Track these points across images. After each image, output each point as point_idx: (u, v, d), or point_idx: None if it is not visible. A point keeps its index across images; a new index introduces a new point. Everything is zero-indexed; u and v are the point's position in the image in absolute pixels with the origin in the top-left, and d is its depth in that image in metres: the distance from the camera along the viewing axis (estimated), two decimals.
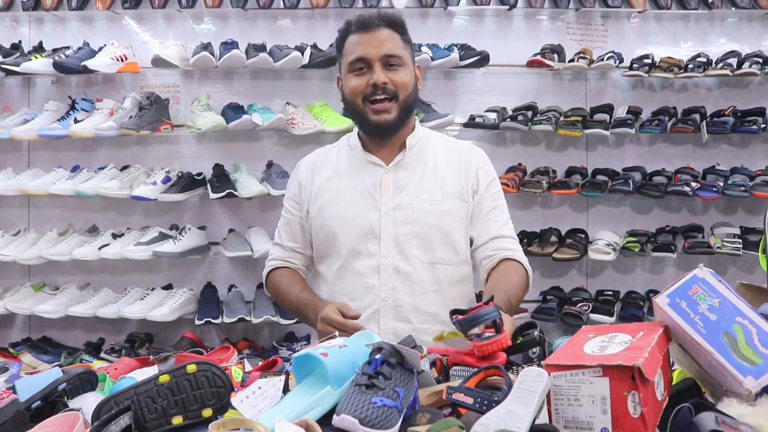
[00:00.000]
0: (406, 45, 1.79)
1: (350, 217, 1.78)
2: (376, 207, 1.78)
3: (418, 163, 1.83)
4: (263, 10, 3.25)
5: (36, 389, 1.21)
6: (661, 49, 3.39)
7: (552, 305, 3.23)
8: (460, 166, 1.85)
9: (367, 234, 1.77)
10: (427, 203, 1.78)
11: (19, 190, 3.06)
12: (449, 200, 1.80)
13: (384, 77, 1.72)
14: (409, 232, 1.75)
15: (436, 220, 1.77)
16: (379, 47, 1.72)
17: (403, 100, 1.75)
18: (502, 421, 0.98)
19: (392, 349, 1.15)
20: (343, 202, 1.80)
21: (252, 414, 1.12)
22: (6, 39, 3.29)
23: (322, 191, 1.84)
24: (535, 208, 3.43)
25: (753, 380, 1.04)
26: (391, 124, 1.76)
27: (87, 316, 3.04)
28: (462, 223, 1.81)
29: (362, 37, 1.74)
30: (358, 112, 1.77)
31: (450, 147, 1.90)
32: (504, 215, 1.87)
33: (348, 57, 1.77)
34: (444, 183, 1.81)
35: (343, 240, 1.78)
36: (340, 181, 1.84)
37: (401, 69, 1.75)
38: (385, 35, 1.74)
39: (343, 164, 1.86)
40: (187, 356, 1.59)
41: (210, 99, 3.16)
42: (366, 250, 1.76)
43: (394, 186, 1.79)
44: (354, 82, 1.75)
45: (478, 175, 1.85)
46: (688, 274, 1.17)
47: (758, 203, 3.27)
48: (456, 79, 3.40)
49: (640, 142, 3.44)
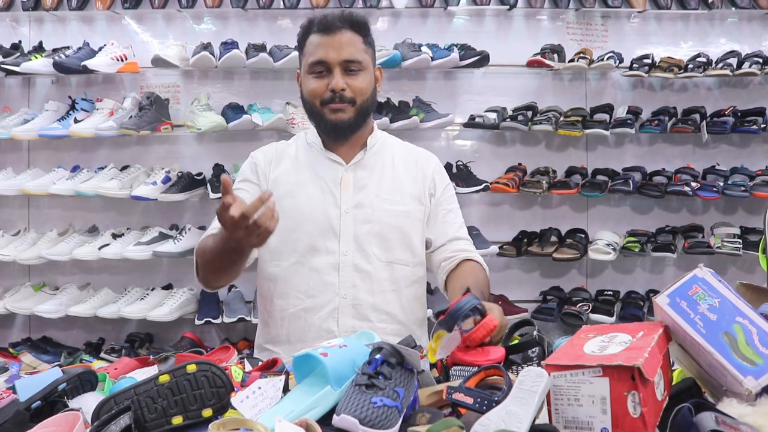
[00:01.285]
0: (367, 48, 1.77)
1: (309, 212, 1.76)
2: (336, 204, 1.77)
3: (377, 163, 1.83)
4: (263, 10, 3.25)
5: (36, 389, 1.21)
6: (661, 49, 3.39)
7: (552, 305, 3.23)
8: (417, 170, 1.86)
9: (327, 231, 1.75)
10: (386, 203, 1.78)
11: (19, 190, 3.07)
12: (408, 201, 1.81)
13: (342, 83, 1.71)
14: (369, 230, 1.75)
15: (395, 220, 1.78)
16: (340, 51, 1.71)
17: (360, 104, 1.75)
18: (502, 421, 0.98)
19: (392, 349, 1.15)
20: (302, 196, 1.78)
21: (252, 414, 1.12)
22: (6, 39, 3.30)
23: (280, 183, 1.81)
24: (535, 208, 3.44)
25: (753, 380, 1.04)
26: (347, 124, 1.75)
27: (87, 316, 3.04)
28: (419, 225, 1.82)
29: (323, 38, 1.73)
30: (316, 112, 1.77)
31: (407, 150, 1.91)
32: (459, 218, 1.90)
33: (308, 57, 1.76)
34: (402, 184, 1.82)
35: (300, 235, 1.75)
36: (298, 175, 1.81)
37: (360, 74, 1.74)
38: (346, 38, 1.73)
39: (302, 160, 1.84)
40: (187, 356, 1.59)
41: (210, 99, 3.16)
42: (325, 246, 1.74)
43: (354, 184, 1.79)
44: (313, 85, 1.74)
45: (434, 179, 1.87)
46: (688, 274, 1.17)
47: (758, 203, 3.27)
48: (456, 79, 3.40)
49: (640, 142, 3.44)
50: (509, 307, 3.20)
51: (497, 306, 1.51)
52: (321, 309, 1.73)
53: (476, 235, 3.03)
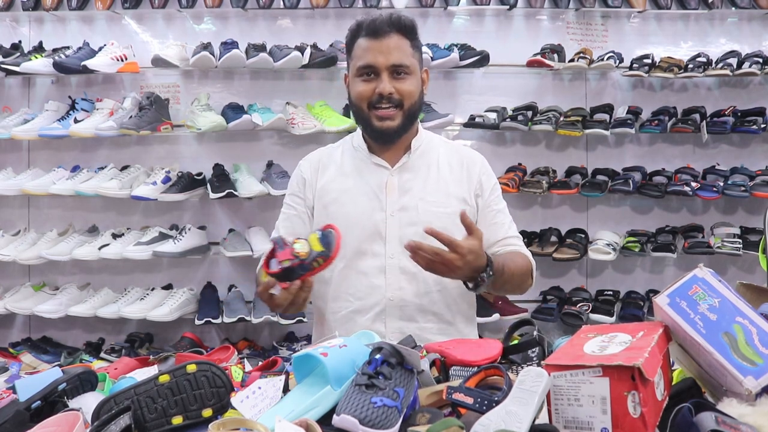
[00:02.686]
0: (415, 51, 1.80)
1: (356, 218, 1.79)
2: (382, 208, 1.80)
3: (422, 165, 1.85)
4: (263, 10, 3.25)
5: (36, 389, 1.21)
6: (661, 49, 3.39)
7: (552, 305, 3.23)
8: (462, 170, 1.88)
9: (373, 234, 1.78)
10: (432, 205, 1.80)
11: (19, 190, 3.06)
12: (453, 203, 1.82)
13: (390, 87, 1.73)
14: (415, 233, 1.76)
15: (440, 222, 1.78)
16: (388, 56, 1.73)
17: (408, 108, 1.77)
18: (502, 421, 0.98)
19: (392, 349, 1.15)
20: (348, 203, 1.81)
21: (252, 414, 1.12)
22: (6, 39, 3.29)
23: (327, 191, 1.85)
24: (535, 208, 3.44)
25: (753, 380, 1.04)
26: (394, 131, 1.78)
27: (87, 316, 3.04)
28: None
29: (372, 43, 1.75)
30: (363, 117, 1.79)
31: (452, 151, 1.92)
32: (507, 218, 1.91)
33: (356, 61, 1.77)
34: (447, 186, 1.84)
35: (348, 240, 1.77)
36: (344, 181, 1.85)
37: (408, 78, 1.76)
38: (394, 43, 1.74)
39: (348, 165, 1.88)
40: (187, 356, 1.59)
41: (210, 99, 3.16)
42: (371, 250, 1.78)
43: (399, 188, 1.81)
44: (361, 88, 1.76)
45: (481, 180, 1.88)
46: (688, 274, 1.18)
47: (758, 203, 3.27)
48: (456, 79, 3.40)
49: (640, 142, 3.44)
50: (509, 307, 3.20)
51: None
52: (369, 311, 1.76)
53: None
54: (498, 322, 3.12)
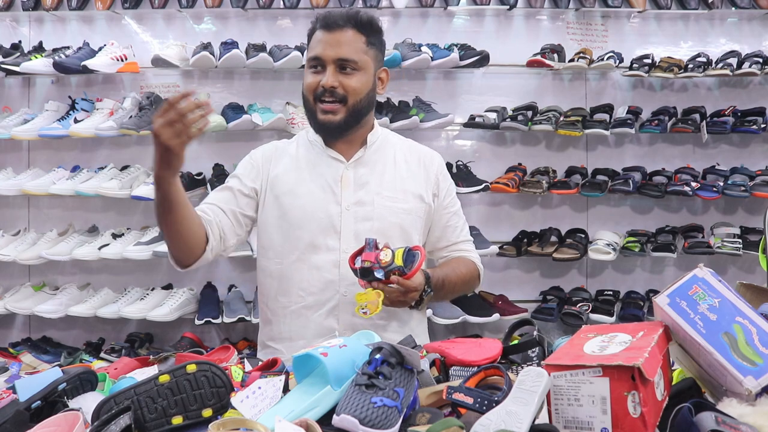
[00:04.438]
0: (369, 48, 1.76)
1: (311, 211, 1.77)
2: (337, 202, 1.78)
3: (378, 160, 1.84)
4: (263, 10, 3.25)
5: (36, 389, 1.21)
6: (661, 49, 3.39)
7: (552, 305, 3.23)
8: (419, 168, 1.87)
9: (327, 228, 1.76)
10: (387, 200, 1.79)
11: (19, 190, 3.06)
12: (409, 199, 1.82)
13: (333, 80, 1.71)
14: (370, 228, 1.76)
15: (396, 218, 1.79)
16: (337, 49, 1.72)
17: (352, 104, 1.74)
18: (502, 421, 0.98)
19: (392, 349, 1.15)
20: (303, 195, 1.79)
21: (252, 414, 1.12)
22: (6, 39, 3.29)
23: (280, 181, 1.82)
24: (535, 208, 3.44)
25: (753, 380, 1.04)
26: (336, 126, 1.75)
27: (87, 316, 3.04)
28: (419, 222, 1.83)
29: (324, 35, 1.74)
30: (309, 108, 1.78)
31: (409, 148, 1.91)
32: (461, 219, 1.93)
33: (309, 52, 1.78)
34: (404, 182, 1.83)
35: (301, 233, 1.76)
36: (299, 173, 1.82)
37: (355, 74, 1.74)
38: (346, 38, 1.73)
39: (303, 158, 1.85)
40: (187, 356, 1.59)
41: (210, 99, 3.16)
42: (325, 244, 1.75)
43: (354, 182, 1.80)
44: (309, 79, 1.76)
45: (438, 179, 1.88)
46: (688, 274, 1.18)
47: (758, 203, 3.27)
48: (456, 79, 3.40)
49: (640, 142, 3.44)
50: (509, 307, 3.20)
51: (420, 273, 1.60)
52: (322, 306, 1.74)
53: (476, 235, 3.02)
54: (498, 322, 3.12)
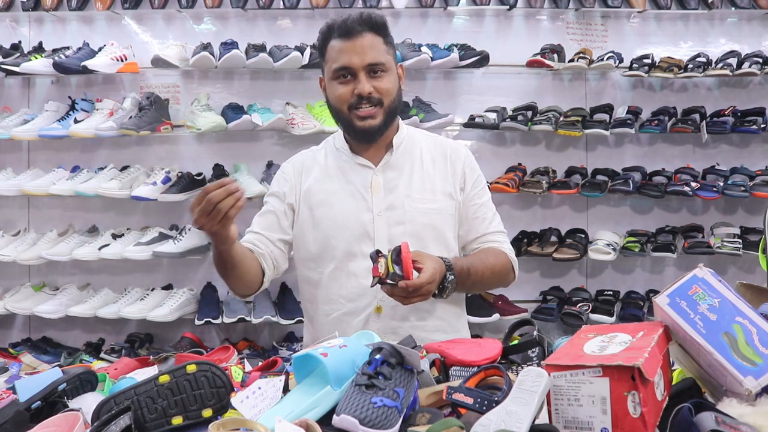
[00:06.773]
0: (388, 48, 1.78)
1: (344, 220, 1.79)
2: (369, 208, 1.79)
3: (406, 162, 1.84)
4: (263, 10, 3.25)
5: (36, 389, 1.21)
6: (661, 49, 3.39)
7: (552, 305, 3.23)
8: (446, 164, 1.87)
9: (362, 235, 1.78)
10: (418, 202, 1.80)
11: (19, 191, 3.06)
12: (439, 198, 1.82)
13: (369, 87, 1.72)
14: (403, 231, 1.76)
15: (428, 219, 1.79)
16: (363, 56, 1.72)
17: (388, 105, 1.76)
18: (502, 421, 0.98)
19: (392, 349, 1.15)
20: (335, 205, 1.81)
21: (252, 414, 1.12)
22: (6, 39, 3.29)
23: (312, 193, 1.84)
24: (535, 208, 3.44)
25: (753, 380, 1.04)
26: (377, 129, 1.77)
27: (87, 316, 3.04)
28: (451, 220, 1.84)
29: (345, 44, 1.73)
30: (344, 119, 1.78)
31: (435, 144, 1.91)
32: (490, 211, 1.90)
33: (331, 64, 1.76)
34: (432, 181, 1.83)
35: (337, 243, 1.78)
36: (330, 183, 1.84)
37: (385, 75, 1.75)
38: (368, 42, 1.73)
39: (332, 166, 1.86)
40: (187, 356, 1.59)
41: (210, 99, 3.16)
42: (361, 251, 1.77)
43: (384, 187, 1.81)
44: (339, 91, 1.75)
45: (465, 171, 1.88)
46: (688, 274, 1.18)
47: (758, 203, 3.27)
48: (456, 79, 3.40)
49: (640, 142, 3.44)
50: (509, 307, 3.20)
51: (434, 261, 1.59)
52: (361, 312, 1.76)
53: None
54: (498, 322, 3.12)
